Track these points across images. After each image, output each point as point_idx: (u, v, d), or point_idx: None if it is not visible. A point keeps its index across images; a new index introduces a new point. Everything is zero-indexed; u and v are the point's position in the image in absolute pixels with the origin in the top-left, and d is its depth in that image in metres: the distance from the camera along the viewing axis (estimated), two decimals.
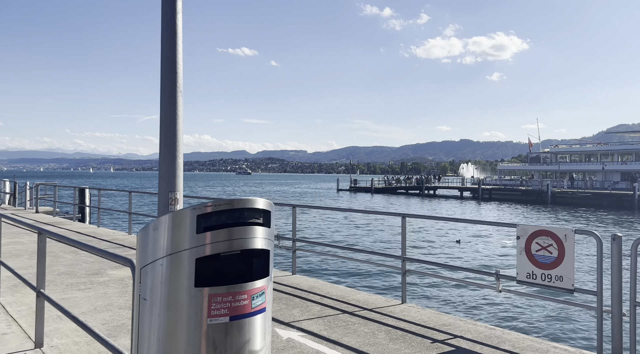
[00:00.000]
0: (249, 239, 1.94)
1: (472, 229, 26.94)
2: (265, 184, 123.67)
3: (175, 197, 2.42)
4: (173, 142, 2.54)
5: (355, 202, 53.19)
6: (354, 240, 20.20)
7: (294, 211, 7.42)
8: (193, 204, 1.93)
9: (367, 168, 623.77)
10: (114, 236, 11.19)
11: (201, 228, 1.84)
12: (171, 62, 2.54)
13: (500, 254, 18.07)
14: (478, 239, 21.68)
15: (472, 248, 19.00)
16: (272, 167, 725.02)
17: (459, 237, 21.55)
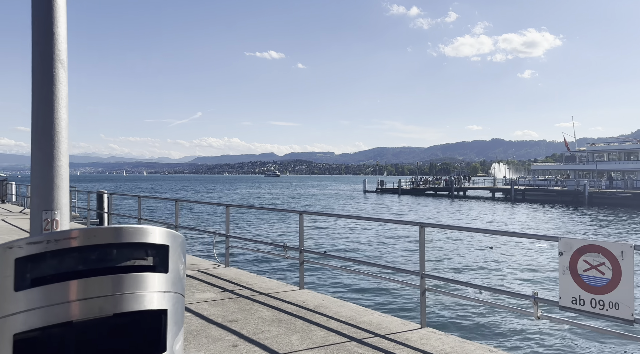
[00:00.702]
0: (128, 296, 1.14)
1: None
2: (292, 186, 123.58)
3: (53, 219, 1.58)
4: (49, 138, 1.59)
5: (382, 204, 52.08)
6: (368, 250, 18.61)
7: (301, 219, 6.69)
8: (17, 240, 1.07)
9: (395, 169, 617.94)
10: None
11: (26, 281, 1.03)
12: (45, 21, 1.74)
13: (540, 267, 15.85)
14: (514, 246, 20.30)
15: (505, 258, 17.15)
16: (300, 169, 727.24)
17: (492, 243, 20.29)
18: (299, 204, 51.03)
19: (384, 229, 23.72)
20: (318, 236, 22.70)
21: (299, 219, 6.68)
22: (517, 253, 18.06)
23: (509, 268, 15.50)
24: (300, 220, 6.68)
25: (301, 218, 6.68)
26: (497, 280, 13.84)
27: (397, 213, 39.51)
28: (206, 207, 38.40)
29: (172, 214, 36.77)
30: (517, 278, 14.18)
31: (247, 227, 26.56)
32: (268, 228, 26.32)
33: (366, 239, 20.99)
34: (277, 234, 23.38)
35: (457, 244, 19.75)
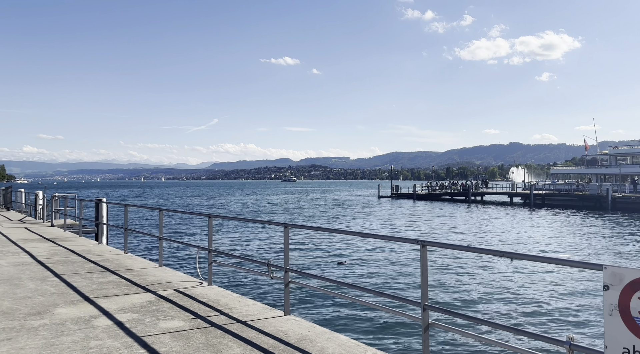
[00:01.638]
0: None
1: (531, 244, 24.23)
2: (307, 192, 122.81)
3: None
4: None
5: (396, 210, 50.80)
6: (367, 268, 16.79)
7: (286, 233, 5.75)
8: None
9: (410, 174, 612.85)
10: (105, 257, 9.90)
11: None
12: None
13: (573, 294, 13.11)
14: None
15: (527, 278, 15.12)
16: (315, 174, 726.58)
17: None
18: (312, 211, 50.11)
19: (385, 243, 22.52)
20: (309, 251, 20.78)
21: (284, 233, 5.74)
22: (541, 271, 16.69)
23: (532, 293, 13.22)
24: (285, 234, 5.74)
25: (286, 232, 5.75)
26: (517, 311, 11.49)
27: (411, 220, 38.26)
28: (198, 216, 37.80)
29: (177, 222, 36.18)
30: (541, 309, 11.73)
31: (239, 239, 25.00)
32: (260, 241, 24.76)
33: (366, 255, 19.29)
34: (267, 248, 22.00)
35: (466, 260, 18.43)
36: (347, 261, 17.98)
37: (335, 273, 15.98)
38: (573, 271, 16.40)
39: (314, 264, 17.72)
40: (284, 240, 5.74)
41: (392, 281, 14.60)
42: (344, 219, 39.66)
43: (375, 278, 15.18)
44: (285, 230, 5.75)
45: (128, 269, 8.48)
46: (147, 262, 9.26)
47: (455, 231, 29.51)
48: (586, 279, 14.97)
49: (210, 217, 7.26)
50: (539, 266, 17.15)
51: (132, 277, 7.78)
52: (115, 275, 7.92)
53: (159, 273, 8.18)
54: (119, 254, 10.20)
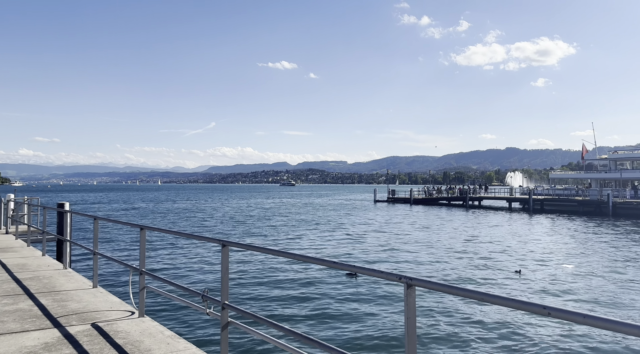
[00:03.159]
0: None
1: (537, 252, 22.74)
2: (303, 196, 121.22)
3: None
4: None
5: (393, 215, 49.26)
6: (340, 306, 12.54)
7: (226, 254, 4.21)
8: None
9: (408, 178, 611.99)
10: (37, 273, 8.32)
11: None
12: None
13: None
14: (546, 272, 17.31)
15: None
16: (313, 178, 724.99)
17: (519, 266, 17.49)
18: (308, 216, 48.53)
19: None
20: (263, 273, 16.38)
21: (222, 253, 4.20)
22: (555, 282, 15.18)
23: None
24: (224, 255, 4.20)
25: (225, 252, 4.20)
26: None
27: (408, 226, 36.73)
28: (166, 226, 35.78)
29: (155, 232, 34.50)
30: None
31: (186, 254, 20.69)
32: (211, 256, 20.58)
33: (340, 286, 15.11)
34: (216, 268, 17.92)
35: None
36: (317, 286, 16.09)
37: (287, 310, 12.17)
38: (579, 255, 14.91)
39: (264, 294, 13.50)
40: (222, 263, 4.19)
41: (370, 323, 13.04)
42: (336, 225, 38.10)
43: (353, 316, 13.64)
44: (224, 249, 4.21)
45: (53, 291, 6.91)
46: (84, 280, 7.69)
47: (452, 237, 28.00)
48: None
49: (142, 229, 5.71)
50: (551, 252, 15.67)
51: (52, 303, 6.21)
52: (32, 300, 6.35)
53: (88, 297, 6.62)
54: (56, 270, 8.62)
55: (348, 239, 27.48)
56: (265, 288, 14.30)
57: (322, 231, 32.69)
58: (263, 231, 32.66)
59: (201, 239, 4.55)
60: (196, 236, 4.58)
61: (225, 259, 4.19)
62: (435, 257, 20.40)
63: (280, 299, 12.99)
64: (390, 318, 11.39)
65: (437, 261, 19.24)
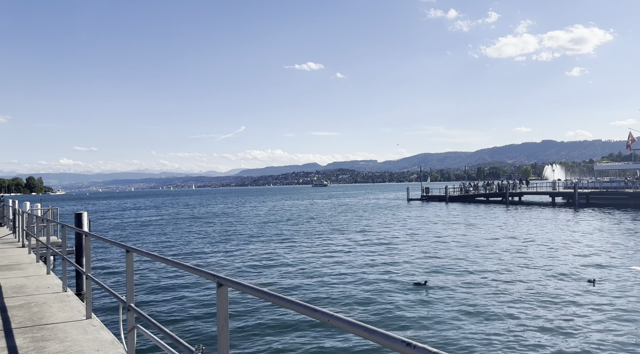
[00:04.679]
0: None
1: (598, 253, 20.59)
2: (335, 196, 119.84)
3: None
4: None
5: (430, 213, 47.19)
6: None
7: (224, 295, 2.84)
8: None
9: (440, 175, 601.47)
10: (31, 299, 7.23)
11: None
12: None
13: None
14: (618, 277, 15.23)
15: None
16: (343, 178, 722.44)
17: (590, 274, 15.55)
18: (343, 218, 47.13)
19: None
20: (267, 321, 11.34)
21: (218, 294, 2.84)
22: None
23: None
24: (222, 297, 2.83)
25: (223, 293, 2.83)
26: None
27: (449, 226, 34.77)
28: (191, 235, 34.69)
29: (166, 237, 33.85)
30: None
31: (187, 284, 15.62)
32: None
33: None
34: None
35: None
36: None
37: None
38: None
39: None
40: (218, 307, 2.83)
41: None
42: (375, 226, 36.51)
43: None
44: (221, 290, 2.84)
45: (38, 324, 5.75)
46: (80, 308, 6.53)
47: (502, 237, 25.97)
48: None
49: (129, 251, 4.43)
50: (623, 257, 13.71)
51: (28, 343, 5.03)
52: (7, 338, 5.19)
53: (76, 332, 5.42)
54: (54, 294, 7.52)
55: (388, 241, 25.88)
56: (273, 338, 10.07)
57: (361, 232, 31.18)
58: (303, 233, 31.43)
59: (193, 272, 3.20)
60: (188, 268, 3.25)
61: (223, 303, 2.83)
62: (494, 263, 18.36)
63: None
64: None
65: (498, 271, 17.02)
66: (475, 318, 11.27)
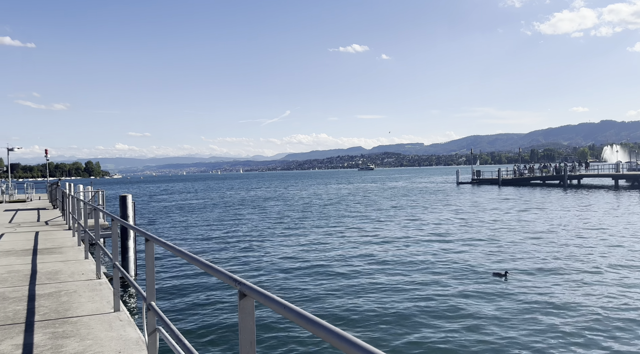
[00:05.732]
0: None
1: None
2: (381, 180, 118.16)
3: None
4: None
5: (479, 197, 45.13)
6: None
7: (249, 305, 2.03)
8: None
9: (490, 158, 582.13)
10: (62, 287, 6.82)
11: None
12: None
13: None
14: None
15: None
16: (389, 161, 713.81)
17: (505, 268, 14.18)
18: (391, 202, 45.99)
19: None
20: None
21: (240, 305, 2.04)
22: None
23: None
24: (245, 307, 2.03)
25: (248, 304, 2.03)
26: None
27: (503, 211, 32.90)
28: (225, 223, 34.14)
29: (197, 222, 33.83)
30: None
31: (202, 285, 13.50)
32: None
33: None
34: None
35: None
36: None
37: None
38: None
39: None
40: (240, 318, 2.03)
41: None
42: (427, 211, 35.20)
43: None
44: (245, 302, 2.03)
45: (63, 317, 5.25)
46: (109, 299, 6.01)
47: (567, 221, 24.10)
48: None
49: (148, 241, 3.73)
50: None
51: (47, 341, 4.52)
52: (26, 333, 4.70)
53: (100, 328, 4.86)
54: (87, 281, 7.09)
55: (445, 228, 24.63)
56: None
57: (414, 219, 30.04)
58: (350, 218, 30.70)
59: (212, 272, 2.42)
60: (207, 267, 2.48)
61: (248, 319, 2.02)
62: (571, 251, 16.66)
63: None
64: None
65: (578, 259, 15.35)
66: (571, 315, 10.03)
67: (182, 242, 22.32)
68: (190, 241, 22.49)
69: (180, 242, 22.01)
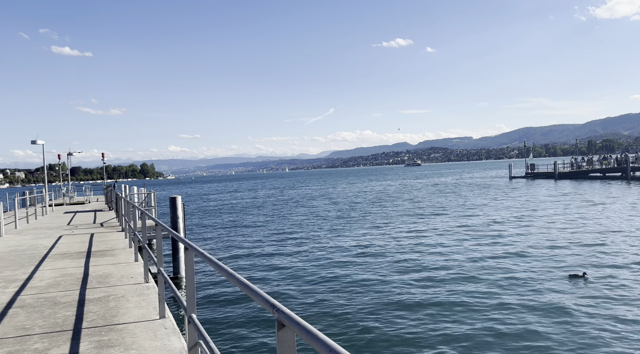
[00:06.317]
0: None
1: None
2: (426, 176, 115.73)
3: None
4: None
5: (535, 192, 43.03)
6: None
7: (289, 336, 1.74)
8: None
9: (545, 150, 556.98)
10: (112, 292, 6.86)
11: None
12: None
13: None
14: None
15: None
16: (435, 157, 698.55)
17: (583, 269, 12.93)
18: (443, 199, 44.80)
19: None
20: None
21: (279, 336, 1.75)
22: None
23: None
24: (286, 342, 1.74)
25: (286, 338, 1.74)
26: None
27: (564, 206, 31.18)
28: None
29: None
30: None
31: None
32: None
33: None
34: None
35: None
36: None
37: None
38: None
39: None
40: (280, 350, 1.74)
41: None
42: (482, 207, 33.99)
43: None
44: (283, 333, 1.74)
45: (109, 324, 5.21)
46: (155, 305, 5.95)
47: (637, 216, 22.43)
48: None
49: (187, 249, 3.55)
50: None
51: (92, 350, 4.46)
52: (72, 341, 4.68)
53: (145, 336, 4.76)
54: (136, 285, 7.11)
55: (504, 225, 23.55)
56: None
57: (469, 215, 29.04)
58: (402, 217, 30.11)
59: (249, 293, 2.16)
60: (244, 286, 2.22)
61: (286, 347, 1.74)
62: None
63: None
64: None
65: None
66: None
67: (227, 245, 22.02)
68: (236, 243, 22.39)
69: (224, 246, 21.65)
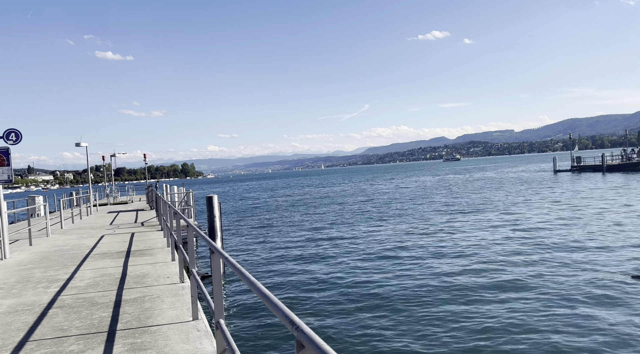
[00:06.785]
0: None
1: None
2: (466, 171, 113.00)
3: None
4: None
5: (582, 187, 41.10)
6: None
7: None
8: None
9: (591, 142, 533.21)
10: (148, 292, 6.89)
11: None
12: None
13: None
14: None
15: None
16: (475, 151, 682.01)
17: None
18: (476, 196, 43.61)
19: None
20: None
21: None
22: None
23: None
24: None
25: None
26: None
27: (615, 201, 29.64)
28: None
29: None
30: None
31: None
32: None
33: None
34: None
35: None
36: None
37: None
38: None
39: None
40: None
41: None
42: (528, 203, 32.81)
43: None
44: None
45: (143, 326, 5.20)
46: (189, 306, 5.91)
47: None
48: None
49: (213, 253, 3.42)
50: None
51: (125, 353, 4.44)
52: (107, 343, 4.68)
53: (177, 339, 4.71)
54: (171, 285, 7.12)
55: (553, 223, 22.54)
56: None
57: (512, 212, 28.09)
58: (442, 216, 29.48)
59: (270, 306, 1.98)
60: (266, 299, 2.04)
61: None
62: None
63: None
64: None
65: None
66: None
67: (261, 245, 21.28)
68: (270, 244, 21.35)
69: (258, 247, 21.09)
